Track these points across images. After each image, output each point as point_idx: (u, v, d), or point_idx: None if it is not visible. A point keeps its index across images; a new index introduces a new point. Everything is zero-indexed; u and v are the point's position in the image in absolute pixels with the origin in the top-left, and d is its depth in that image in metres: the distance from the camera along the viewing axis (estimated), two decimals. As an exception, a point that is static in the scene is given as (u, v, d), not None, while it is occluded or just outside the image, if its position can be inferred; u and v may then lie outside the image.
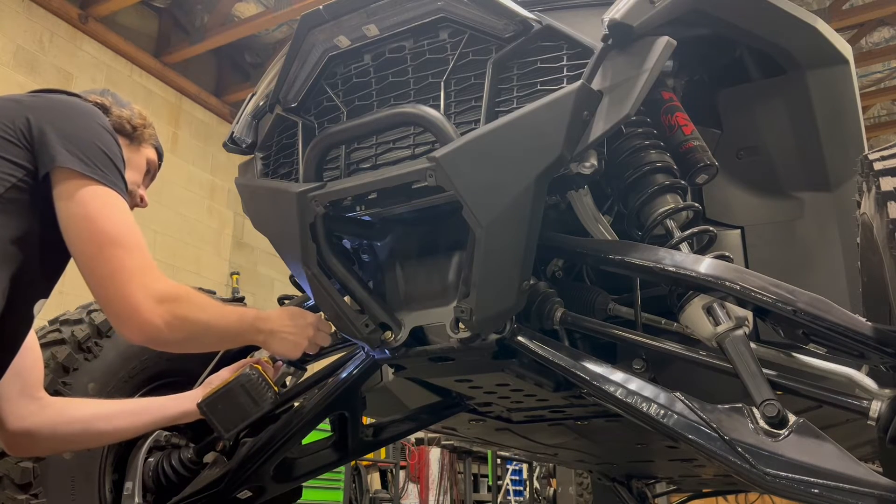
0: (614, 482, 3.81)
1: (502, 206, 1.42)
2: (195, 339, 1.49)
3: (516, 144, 1.41)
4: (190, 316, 1.42)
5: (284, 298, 2.19)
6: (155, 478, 2.01)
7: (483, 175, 1.42)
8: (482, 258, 1.45)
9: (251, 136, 1.91)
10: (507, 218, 1.43)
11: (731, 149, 1.88)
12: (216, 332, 1.52)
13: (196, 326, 1.44)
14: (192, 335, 1.45)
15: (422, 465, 9.25)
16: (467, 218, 1.44)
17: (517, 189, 1.42)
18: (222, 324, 1.52)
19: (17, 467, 1.80)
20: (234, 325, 1.54)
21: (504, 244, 1.46)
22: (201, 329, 1.46)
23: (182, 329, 1.40)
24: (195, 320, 1.44)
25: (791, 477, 1.17)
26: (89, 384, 1.95)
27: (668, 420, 1.34)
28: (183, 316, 1.40)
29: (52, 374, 1.90)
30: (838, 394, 1.33)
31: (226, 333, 1.55)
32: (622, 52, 1.44)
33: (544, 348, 1.55)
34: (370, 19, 1.60)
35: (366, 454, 6.04)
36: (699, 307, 1.45)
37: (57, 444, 1.67)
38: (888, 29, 8.02)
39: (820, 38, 1.78)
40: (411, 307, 1.68)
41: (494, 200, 1.43)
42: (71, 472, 1.89)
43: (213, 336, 1.53)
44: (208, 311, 1.48)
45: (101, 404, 1.74)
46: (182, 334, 1.42)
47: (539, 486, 8.89)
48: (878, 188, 1.24)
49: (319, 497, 6.74)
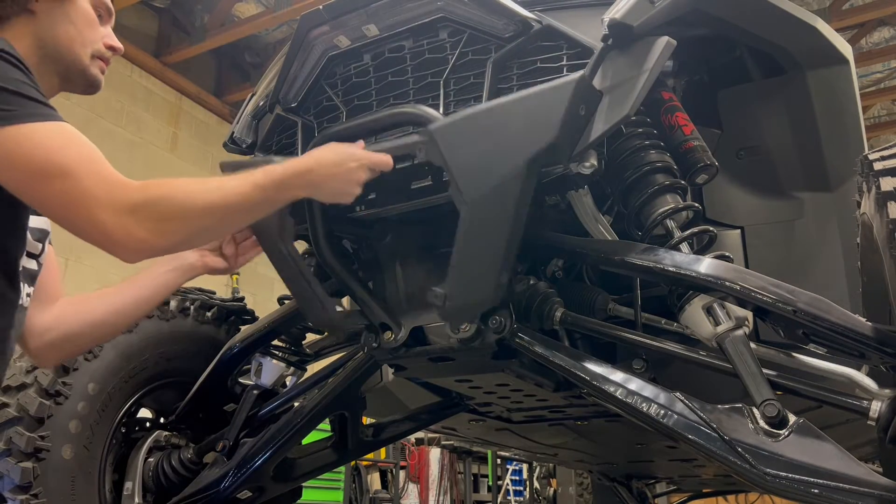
0: (614, 482, 3.81)
1: (490, 186, 1.39)
2: (201, 231, 1.27)
3: (511, 125, 1.39)
4: (176, 210, 1.20)
5: (284, 298, 2.20)
6: (155, 478, 2.02)
7: (474, 151, 1.40)
8: (462, 239, 1.42)
9: (251, 136, 1.91)
10: (493, 200, 1.40)
11: (731, 149, 1.87)
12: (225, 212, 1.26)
13: (191, 219, 1.22)
14: (193, 229, 1.24)
15: (422, 465, 9.24)
16: (453, 195, 1.42)
17: (506, 170, 1.39)
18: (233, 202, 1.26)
19: (17, 467, 1.81)
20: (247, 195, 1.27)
21: (487, 228, 1.42)
22: (199, 216, 1.22)
23: (174, 230, 1.20)
24: (186, 212, 1.21)
25: (791, 477, 1.17)
26: (89, 384, 1.95)
27: (668, 420, 1.34)
28: (168, 215, 1.19)
29: (53, 373, 1.90)
30: (838, 394, 1.33)
31: (240, 209, 1.28)
32: (622, 52, 1.44)
33: (544, 348, 1.55)
34: (370, 19, 1.60)
35: (366, 454, 6.04)
36: (699, 307, 1.45)
37: (78, 349, 1.64)
38: (888, 29, 8.02)
39: (820, 38, 1.78)
40: (411, 307, 1.68)
41: (482, 179, 1.40)
42: (71, 472, 1.89)
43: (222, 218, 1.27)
44: (199, 195, 1.23)
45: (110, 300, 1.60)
46: (178, 235, 1.22)
47: (539, 486, 8.89)
48: (878, 188, 1.24)
49: (319, 497, 6.74)
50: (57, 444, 1.87)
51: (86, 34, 1.43)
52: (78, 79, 1.43)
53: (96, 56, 1.44)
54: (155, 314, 2.09)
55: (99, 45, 1.45)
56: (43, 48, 1.37)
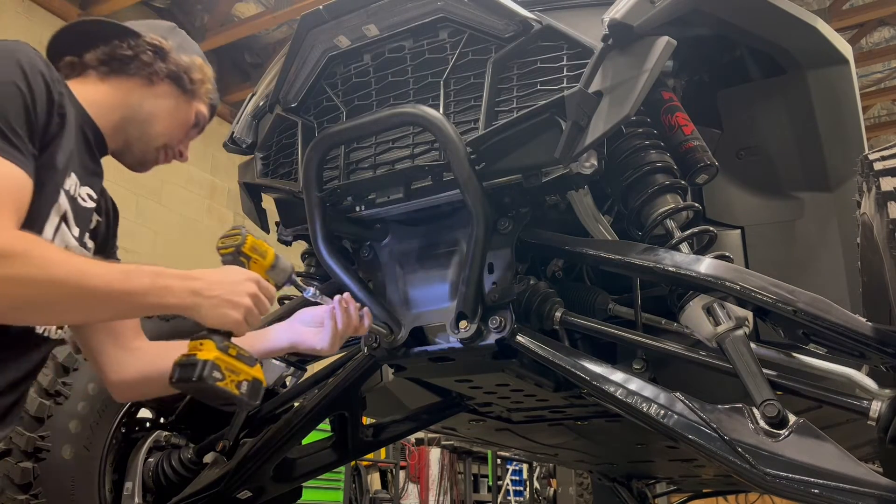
0: (614, 482, 3.81)
1: None
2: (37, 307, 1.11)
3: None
4: (21, 274, 1.05)
5: (284, 298, 2.19)
6: (155, 478, 2.02)
7: None
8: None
9: (251, 136, 1.91)
10: None
11: (731, 149, 1.87)
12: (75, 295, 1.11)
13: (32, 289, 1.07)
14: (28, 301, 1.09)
15: (422, 465, 9.24)
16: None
17: None
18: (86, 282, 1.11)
19: (17, 467, 1.81)
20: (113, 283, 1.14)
21: None
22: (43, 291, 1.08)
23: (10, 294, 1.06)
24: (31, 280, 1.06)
25: (791, 477, 1.17)
26: (89, 384, 1.96)
27: (668, 420, 1.34)
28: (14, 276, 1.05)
29: (53, 373, 1.90)
30: (838, 394, 1.33)
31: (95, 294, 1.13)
32: (622, 52, 1.44)
33: (544, 348, 1.55)
34: (370, 19, 1.60)
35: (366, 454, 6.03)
36: (699, 307, 1.45)
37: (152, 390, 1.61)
38: (888, 29, 8.02)
39: (820, 38, 1.78)
40: (411, 307, 1.68)
41: None
42: (71, 473, 1.89)
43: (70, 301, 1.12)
44: (59, 267, 1.09)
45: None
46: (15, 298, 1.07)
47: (539, 486, 8.89)
48: (878, 188, 1.24)
49: (319, 497, 6.74)
50: (57, 444, 1.87)
51: (173, 130, 1.51)
52: (136, 154, 1.49)
53: (162, 149, 1.51)
54: (155, 314, 2.09)
55: (174, 144, 1.53)
56: (136, 113, 1.45)
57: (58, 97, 1.25)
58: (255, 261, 1.38)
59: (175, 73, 1.48)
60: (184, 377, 1.19)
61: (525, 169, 1.52)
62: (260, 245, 1.39)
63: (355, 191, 1.67)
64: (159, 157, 1.52)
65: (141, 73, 1.45)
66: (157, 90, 1.46)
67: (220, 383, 1.20)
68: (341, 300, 1.53)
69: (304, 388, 2.13)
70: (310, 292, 1.54)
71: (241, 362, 1.24)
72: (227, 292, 1.25)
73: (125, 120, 1.44)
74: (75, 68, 1.44)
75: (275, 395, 2.18)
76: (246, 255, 1.36)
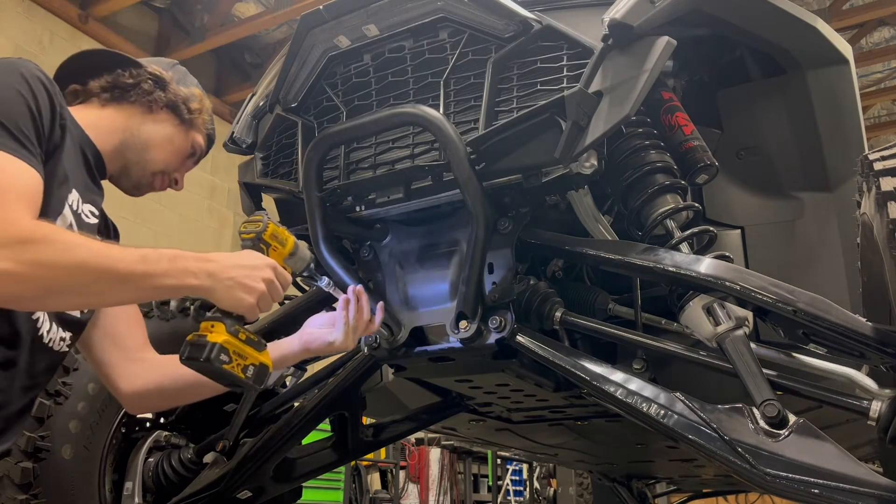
0: (614, 482, 3.81)
1: None
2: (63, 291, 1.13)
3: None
4: (47, 259, 1.07)
5: (284, 299, 2.19)
6: (155, 478, 2.01)
7: None
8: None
9: (251, 136, 1.91)
10: None
11: (731, 149, 1.87)
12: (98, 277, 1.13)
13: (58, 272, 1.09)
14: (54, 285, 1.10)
15: (422, 465, 9.24)
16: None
17: None
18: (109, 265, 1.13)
19: (17, 467, 1.80)
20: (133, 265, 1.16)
21: None
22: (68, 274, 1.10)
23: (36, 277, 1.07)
24: (55, 264, 1.08)
25: (791, 477, 1.17)
26: (89, 384, 1.95)
27: (668, 420, 1.34)
28: (37, 260, 1.06)
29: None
30: (838, 394, 1.33)
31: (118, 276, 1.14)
32: (622, 52, 1.44)
33: (544, 348, 1.55)
34: (370, 19, 1.60)
35: (366, 454, 6.03)
36: (699, 307, 1.45)
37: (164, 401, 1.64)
38: (888, 29, 8.02)
39: (820, 38, 1.78)
40: (411, 307, 1.68)
41: None
42: (71, 473, 1.89)
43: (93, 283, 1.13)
44: (81, 251, 1.11)
45: None
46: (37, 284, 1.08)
47: (539, 486, 8.89)
48: (878, 188, 1.24)
49: (319, 497, 6.74)
50: (57, 444, 1.87)
51: (170, 156, 1.56)
52: (133, 178, 1.53)
53: (159, 175, 1.55)
54: (155, 314, 2.09)
55: (170, 171, 1.58)
56: (135, 138, 1.49)
57: (59, 108, 1.28)
58: (275, 248, 1.42)
59: (174, 103, 1.54)
60: (192, 356, 1.24)
61: (525, 169, 1.52)
62: (281, 233, 1.43)
63: (355, 191, 1.67)
64: (154, 183, 1.56)
65: (141, 101, 1.50)
66: (156, 117, 1.52)
67: (227, 366, 1.24)
68: (354, 290, 1.56)
69: (304, 388, 2.13)
70: (325, 281, 1.57)
71: (249, 346, 1.28)
72: (242, 276, 1.27)
73: (124, 144, 1.48)
74: (79, 96, 1.50)
75: (275, 395, 2.18)
76: (266, 241, 1.40)
